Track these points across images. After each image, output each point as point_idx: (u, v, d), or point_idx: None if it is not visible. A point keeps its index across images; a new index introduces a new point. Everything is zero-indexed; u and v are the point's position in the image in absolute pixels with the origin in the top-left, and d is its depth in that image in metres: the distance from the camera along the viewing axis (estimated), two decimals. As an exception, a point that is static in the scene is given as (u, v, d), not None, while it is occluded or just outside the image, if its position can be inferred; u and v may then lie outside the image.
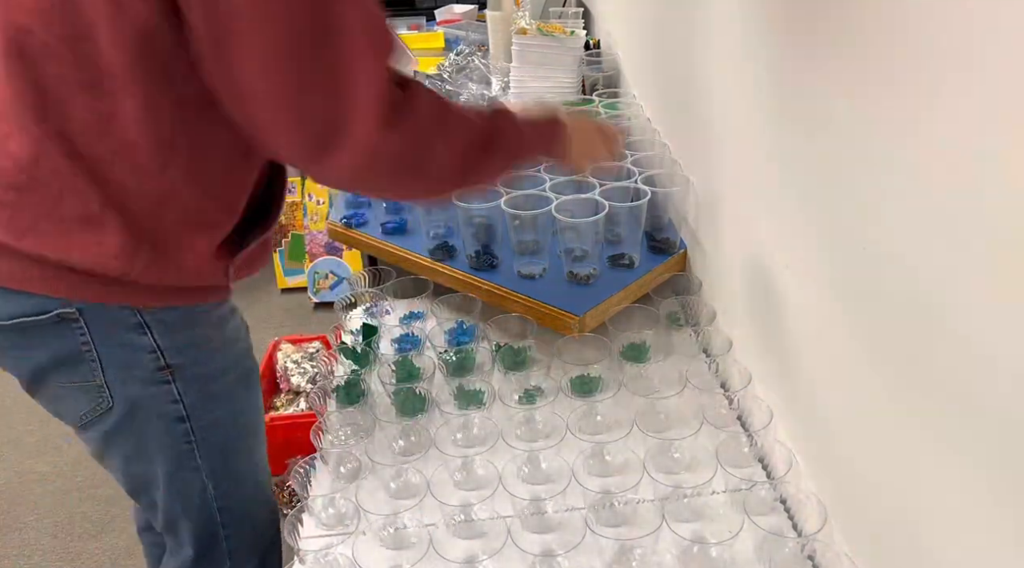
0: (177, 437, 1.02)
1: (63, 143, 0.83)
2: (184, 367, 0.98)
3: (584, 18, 2.33)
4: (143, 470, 1.05)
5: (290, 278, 3.09)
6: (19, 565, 1.97)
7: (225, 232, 0.95)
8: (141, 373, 0.96)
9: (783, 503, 0.91)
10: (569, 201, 1.21)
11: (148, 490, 1.08)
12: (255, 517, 1.19)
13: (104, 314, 0.92)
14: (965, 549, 0.62)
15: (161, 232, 0.89)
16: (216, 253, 0.95)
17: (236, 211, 0.96)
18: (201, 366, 1.01)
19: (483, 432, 1.03)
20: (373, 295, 1.31)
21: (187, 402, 1.00)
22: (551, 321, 1.16)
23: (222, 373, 1.04)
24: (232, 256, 0.98)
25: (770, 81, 0.94)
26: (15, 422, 2.41)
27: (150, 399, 0.98)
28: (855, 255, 0.75)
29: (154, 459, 1.04)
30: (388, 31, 0.82)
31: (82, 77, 0.80)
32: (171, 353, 0.97)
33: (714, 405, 1.02)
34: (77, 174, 0.84)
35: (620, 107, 1.71)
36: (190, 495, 1.07)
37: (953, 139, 0.58)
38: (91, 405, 0.98)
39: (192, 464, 1.04)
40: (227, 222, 0.95)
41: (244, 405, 1.10)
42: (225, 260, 0.97)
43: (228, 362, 1.05)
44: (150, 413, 0.99)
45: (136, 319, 0.94)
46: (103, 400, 0.97)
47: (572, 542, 0.84)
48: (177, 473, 1.05)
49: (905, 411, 0.68)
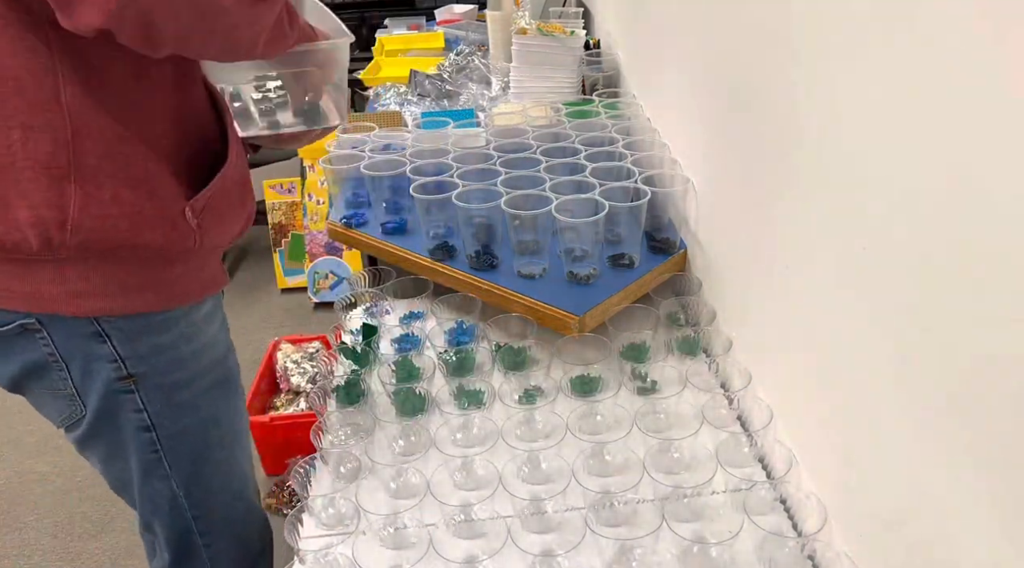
0: (143, 445, 1.01)
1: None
2: (147, 376, 0.97)
3: (584, 18, 2.33)
4: (119, 473, 1.05)
5: (290, 278, 3.09)
6: (19, 565, 1.97)
7: (165, 167, 0.89)
8: (104, 382, 0.95)
9: (783, 503, 0.91)
10: (569, 201, 1.21)
11: (126, 491, 1.08)
12: (238, 527, 1.17)
13: (63, 324, 0.91)
14: (965, 549, 0.62)
15: (89, 170, 0.83)
16: (168, 195, 0.89)
17: (161, 141, 0.89)
18: (167, 375, 0.99)
19: (483, 432, 1.03)
20: (373, 295, 1.31)
21: (151, 411, 0.99)
22: (551, 321, 1.16)
23: (191, 381, 1.02)
24: (188, 198, 0.92)
25: (770, 81, 0.94)
26: (15, 422, 2.41)
27: (115, 407, 0.98)
28: (855, 255, 0.75)
29: (128, 464, 1.03)
30: None
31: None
32: (133, 362, 0.95)
33: (714, 405, 1.02)
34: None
35: (620, 107, 1.71)
36: (161, 502, 1.07)
37: (955, 138, 0.58)
38: (66, 411, 0.98)
39: (160, 472, 1.04)
40: (157, 155, 0.89)
41: (218, 413, 1.08)
42: (180, 203, 0.91)
43: (199, 370, 1.03)
44: (116, 421, 0.99)
45: (94, 328, 0.92)
46: (76, 407, 0.97)
47: (572, 542, 0.84)
48: (146, 480, 1.04)
49: (906, 410, 0.68)
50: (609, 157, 1.39)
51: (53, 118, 0.81)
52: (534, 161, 1.40)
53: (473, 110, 2.05)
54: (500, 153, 1.44)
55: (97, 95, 0.83)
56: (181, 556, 1.12)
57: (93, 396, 0.96)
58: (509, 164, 1.40)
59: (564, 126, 1.58)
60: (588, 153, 1.41)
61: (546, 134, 1.54)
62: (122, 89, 0.86)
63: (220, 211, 0.97)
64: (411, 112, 2.11)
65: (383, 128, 1.69)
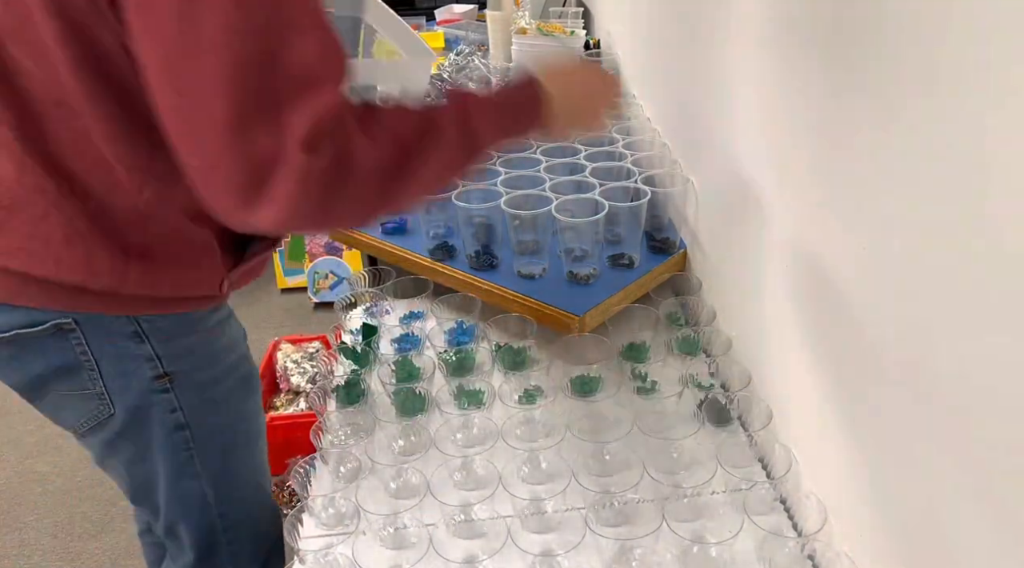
0: (177, 444, 1.01)
1: (44, 161, 0.81)
2: (182, 374, 0.98)
3: (584, 18, 2.33)
4: (144, 476, 1.05)
5: (290, 278, 3.09)
6: (19, 565, 1.97)
7: (216, 250, 0.93)
8: (139, 381, 0.96)
9: (783, 503, 0.91)
10: (569, 201, 1.21)
11: (149, 495, 1.08)
12: (256, 521, 1.18)
13: (101, 323, 0.91)
14: (965, 549, 0.62)
15: (150, 248, 0.88)
16: (212, 267, 0.94)
17: (223, 231, 0.93)
18: (200, 373, 1.00)
19: (483, 432, 1.03)
20: (373, 295, 1.31)
21: (186, 409, 0.99)
22: (551, 321, 1.16)
23: (221, 379, 1.03)
24: (229, 270, 0.97)
25: (771, 81, 0.94)
26: (15, 422, 2.41)
27: (149, 407, 0.98)
28: (855, 255, 0.75)
29: (155, 465, 1.03)
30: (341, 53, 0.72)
31: (51, 95, 0.79)
32: (169, 360, 0.96)
33: (714, 405, 1.02)
34: (61, 192, 0.82)
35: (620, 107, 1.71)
36: (190, 501, 1.07)
37: (955, 139, 0.58)
38: (92, 413, 0.98)
39: (192, 470, 1.04)
40: (215, 240, 0.93)
41: (243, 410, 1.09)
42: (221, 273, 0.96)
43: (226, 367, 1.04)
44: (150, 421, 0.99)
45: (133, 327, 0.93)
46: (104, 407, 0.97)
47: (572, 542, 0.84)
48: (177, 480, 1.04)
49: (906, 411, 0.68)
50: (609, 157, 1.40)
51: (129, 206, 0.85)
52: (534, 161, 1.41)
53: (473, 110, 2.04)
54: (500, 153, 1.44)
55: (170, 190, 0.85)
56: (205, 554, 1.13)
57: (127, 396, 0.96)
58: (509, 164, 1.40)
59: (564, 126, 1.58)
60: (588, 153, 1.41)
61: (546, 134, 1.54)
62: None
63: (249, 272, 1.02)
64: (411, 112, 2.11)
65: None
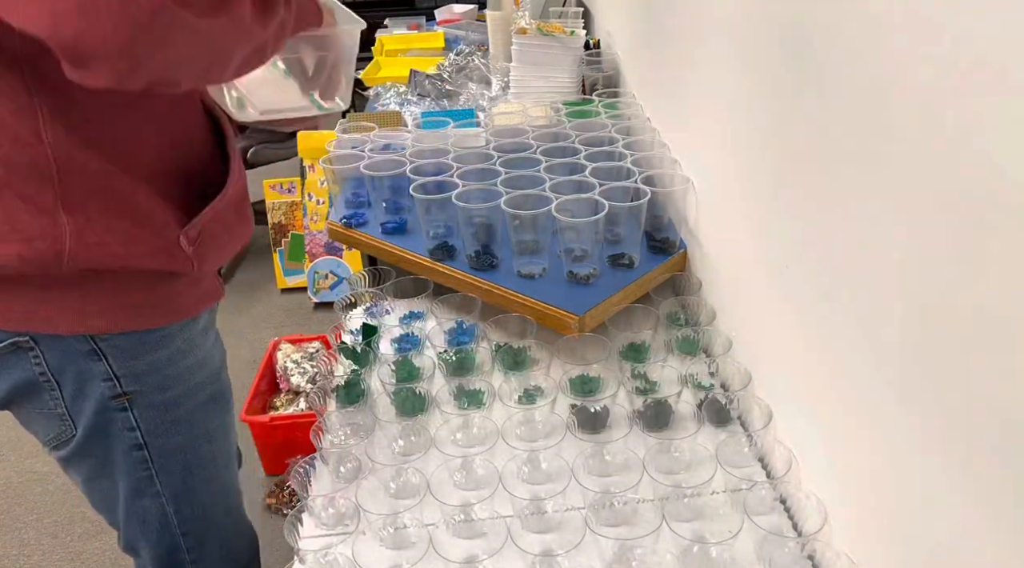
0: (134, 464, 1.00)
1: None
2: (142, 394, 0.96)
3: (584, 18, 2.33)
4: (103, 491, 1.04)
5: (290, 278, 3.09)
6: (19, 565, 1.97)
7: (158, 197, 0.88)
8: (96, 401, 0.95)
9: (783, 503, 0.91)
10: (569, 201, 1.21)
11: (110, 511, 1.07)
12: (225, 542, 1.17)
13: (58, 342, 0.90)
14: (965, 550, 0.62)
15: (79, 206, 0.82)
16: (161, 221, 0.88)
17: (154, 172, 0.88)
18: (161, 393, 0.98)
19: (483, 432, 1.03)
20: (373, 295, 1.31)
21: (144, 429, 0.98)
22: (551, 321, 1.16)
23: (185, 398, 1.02)
24: (182, 226, 0.90)
25: (771, 80, 0.94)
26: (15, 422, 2.40)
27: (107, 425, 0.97)
28: (855, 255, 0.75)
29: (115, 483, 1.02)
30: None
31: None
32: (128, 380, 0.95)
33: (714, 405, 1.02)
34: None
35: (620, 107, 1.71)
36: (151, 519, 1.06)
37: (954, 139, 0.58)
38: (55, 431, 0.97)
39: (152, 490, 1.03)
40: (149, 186, 0.87)
41: (210, 429, 1.07)
42: (173, 230, 0.89)
43: (193, 386, 1.03)
44: (108, 439, 0.98)
45: (90, 346, 0.91)
46: (66, 428, 0.96)
47: (572, 542, 0.84)
48: (136, 498, 1.03)
49: (907, 410, 0.68)
50: (609, 157, 1.39)
51: (36, 156, 0.80)
52: (534, 161, 1.40)
53: (473, 110, 2.05)
54: (500, 153, 1.44)
55: (81, 132, 0.82)
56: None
57: (85, 415, 0.95)
58: (509, 164, 1.40)
59: (564, 126, 1.58)
60: (588, 153, 1.41)
61: (546, 134, 1.54)
62: (109, 124, 0.84)
63: (216, 235, 0.96)
64: (411, 112, 2.12)
65: (383, 128, 1.69)
